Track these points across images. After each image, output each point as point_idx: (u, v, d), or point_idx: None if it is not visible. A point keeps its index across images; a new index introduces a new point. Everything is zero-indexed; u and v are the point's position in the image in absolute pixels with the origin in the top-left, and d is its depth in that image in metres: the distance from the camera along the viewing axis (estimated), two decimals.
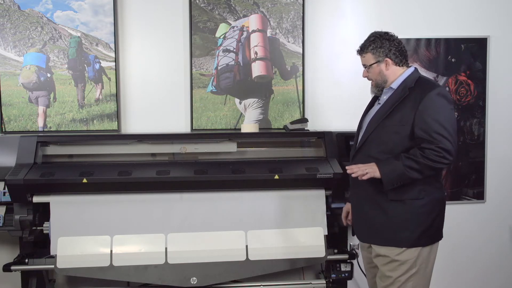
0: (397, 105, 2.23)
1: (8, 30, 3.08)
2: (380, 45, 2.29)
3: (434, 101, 2.15)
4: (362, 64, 2.36)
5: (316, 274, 3.18)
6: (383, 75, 2.30)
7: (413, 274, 2.23)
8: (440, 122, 2.13)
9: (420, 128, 2.15)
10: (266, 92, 3.24)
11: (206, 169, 2.66)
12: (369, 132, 2.30)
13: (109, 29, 3.13)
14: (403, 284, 2.24)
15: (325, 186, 2.75)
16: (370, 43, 2.31)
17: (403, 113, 2.21)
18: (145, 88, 3.20)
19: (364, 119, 2.42)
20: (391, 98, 2.28)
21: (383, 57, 2.29)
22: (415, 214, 2.21)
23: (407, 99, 2.22)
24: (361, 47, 2.36)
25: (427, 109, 2.15)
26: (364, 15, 3.30)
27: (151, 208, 2.68)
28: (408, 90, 2.23)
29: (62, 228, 2.63)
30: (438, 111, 2.14)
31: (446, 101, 2.17)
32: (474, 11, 3.34)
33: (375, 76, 2.32)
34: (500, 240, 3.46)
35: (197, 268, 2.63)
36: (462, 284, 3.41)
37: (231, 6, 3.21)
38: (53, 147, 2.80)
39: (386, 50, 2.29)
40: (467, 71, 3.34)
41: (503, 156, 3.42)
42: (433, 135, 2.12)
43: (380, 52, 2.29)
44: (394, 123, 2.23)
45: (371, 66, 2.31)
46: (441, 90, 2.19)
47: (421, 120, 2.15)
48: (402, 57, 2.31)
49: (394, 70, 2.30)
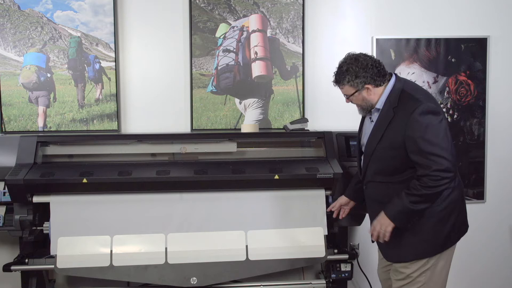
0: (386, 130, 2.21)
1: (8, 30, 3.09)
2: (355, 75, 2.21)
3: (419, 122, 2.09)
4: (343, 93, 2.31)
5: (316, 274, 3.18)
6: (366, 100, 2.26)
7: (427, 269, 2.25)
8: (430, 142, 2.08)
9: (412, 152, 2.12)
10: (266, 92, 3.24)
11: (206, 169, 2.66)
12: (368, 159, 2.31)
13: (109, 29, 3.13)
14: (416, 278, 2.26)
15: (325, 186, 2.75)
16: (345, 75, 2.22)
17: (392, 138, 2.18)
18: (145, 88, 3.20)
19: (363, 136, 2.42)
20: (379, 120, 2.25)
21: (362, 85, 2.22)
22: (436, 222, 2.21)
23: (393, 122, 2.18)
24: (336, 79, 2.28)
25: (415, 131, 2.10)
26: (364, 15, 3.30)
27: (151, 208, 2.68)
28: (393, 111, 2.19)
29: (62, 228, 2.62)
30: (426, 131, 2.08)
31: (431, 116, 2.10)
32: (474, 11, 3.35)
33: (360, 102, 2.29)
34: (500, 240, 3.46)
35: (197, 268, 2.63)
36: (462, 284, 3.41)
37: (231, 6, 3.21)
38: (53, 147, 2.80)
39: (363, 78, 2.21)
40: (467, 71, 3.34)
41: (503, 156, 3.42)
42: (426, 157, 2.08)
43: (357, 83, 2.22)
44: (386, 148, 2.21)
45: (352, 96, 2.27)
46: (423, 107, 2.10)
47: (411, 145, 2.11)
48: (381, 77, 2.22)
49: (376, 91, 2.24)
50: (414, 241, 2.23)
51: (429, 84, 3.32)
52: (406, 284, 2.30)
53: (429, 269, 2.25)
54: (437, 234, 2.22)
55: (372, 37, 3.29)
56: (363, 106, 2.29)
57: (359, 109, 2.34)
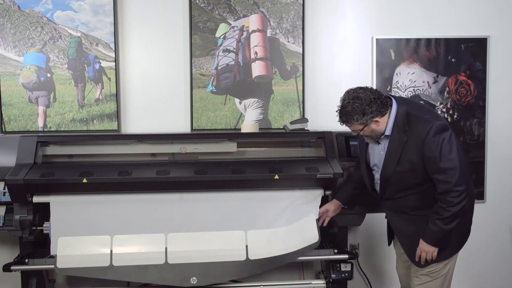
0: (402, 153, 2.30)
1: (8, 30, 3.09)
2: (362, 113, 2.26)
3: (435, 142, 2.22)
4: (352, 130, 2.36)
5: (316, 274, 3.18)
6: (376, 131, 2.33)
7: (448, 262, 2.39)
8: (446, 158, 2.21)
9: (432, 171, 2.25)
10: (266, 92, 3.24)
11: (206, 169, 2.66)
12: (386, 182, 2.39)
13: (109, 29, 3.13)
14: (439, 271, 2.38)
15: (325, 186, 2.75)
16: (352, 115, 2.27)
17: (411, 160, 2.29)
18: (145, 88, 3.20)
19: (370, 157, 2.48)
20: (392, 146, 2.33)
21: (370, 120, 2.28)
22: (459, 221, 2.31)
23: (408, 145, 2.28)
24: (343, 120, 2.32)
25: (432, 151, 2.22)
26: (364, 15, 3.30)
27: (151, 208, 2.68)
28: (405, 135, 2.28)
29: (62, 228, 2.62)
30: (442, 148, 2.21)
31: (444, 133, 2.23)
32: (474, 11, 3.35)
33: (369, 134, 2.35)
34: (500, 240, 3.46)
35: (197, 268, 2.63)
36: (462, 284, 3.41)
37: (231, 6, 3.21)
38: (53, 147, 2.80)
39: (370, 114, 2.27)
40: (467, 71, 3.34)
41: (503, 156, 3.42)
42: (445, 173, 2.21)
43: (366, 119, 2.28)
44: (406, 170, 2.31)
45: (362, 130, 2.33)
46: (435, 127, 2.22)
47: (431, 164, 2.24)
48: (384, 107, 2.30)
49: (383, 120, 2.32)
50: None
51: (429, 84, 3.32)
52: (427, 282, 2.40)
53: (449, 263, 2.39)
54: (461, 234, 2.38)
55: (372, 37, 3.29)
56: (372, 136, 2.36)
57: (368, 139, 2.40)
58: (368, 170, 2.52)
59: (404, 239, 2.46)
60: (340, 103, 2.33)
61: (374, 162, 2.47)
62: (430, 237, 2.30)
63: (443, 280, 2.39)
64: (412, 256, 2.43)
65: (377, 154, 2.43)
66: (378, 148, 2.42)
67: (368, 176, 2.52)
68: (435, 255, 2.32)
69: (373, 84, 3.28)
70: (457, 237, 2.36)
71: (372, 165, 2.50)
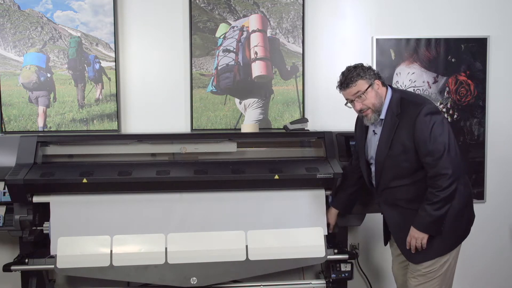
0: (394, 137, 2.31)
1: (8, 30, 3.09)
2: (364, 71, 2.34)
3: (425, 122, 2.23)
4: (353, 94, 2.34)
5: (316, 274, 3.19)
6: (379, 96, 2.35)
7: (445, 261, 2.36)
8: (436, 140, 2.22)
9: (422, 154, 2.25)
10: (266, 92, 3.24)
11: (206, 169, 2.66)
12: (381, 168, 2.39)
13: (109, 29, 3.13)
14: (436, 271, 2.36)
15: (325, 186, 2.75)
16: (355, 72, 2.33)
17: (403, 143, 2.30)
18: (145, 88, 3.20)
19: (368, 150, 2.49)
20: (385, 130, 2.35)
21: (373, 80, 2.34)
22: (455, 217, 2.32)
23: (400, 128, 2.30)
24: (347, 79, 2.34)
25: (423, 132, 2.23)
26: (364, 15, 3.30)
27: (151, 208, 2.68)
28: (397, 118, 2.31)
29: (62, 228, 2.63)
30: (432, 130, 2.22)
31: (435, 116, 2.25)
32: (474, 11, 3.35)
33: (373, 100, 2.34)
34: (500, 240, 3.46)
35: (197, 268, 2.63)
36: (462, 284, 3.41)
37: (231, 6, 3.21)
38: (53, 147, 2.80)
39: (372, 73, 2.35)
40: (467, 71, 3.34)
41: (503, 156, 3.42)
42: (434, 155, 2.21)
43: (369, 76, 2.33)
44: (398, 154, 2.32)
45: (366, 92, 2.32)
46: (426, 108, 2.25)
47: (421, 146, 2.25)
48: (381, 78, 2.38)
49: (383, 91, 2.37)
50: (436, 239, 2.32)
51: (429, 84, 3.32)
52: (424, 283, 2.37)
53: (446, 262, 2.36)
54: (456, 229, 2.35)
55: (372, 37, 3.29)
56: (376, 104, 2.34)
57: (370, 114, 2.36)
58: (366, 164, 2.52)
59: (398, 234, 2.44)
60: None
61: (371, 155, 2.46)
62: (419, 223, 2.28)
63: (441, 281, 2.36)
64: (406, 252, 2.41)
65: (373, 146, 2.43)
66: (374, 139, 2.42)
67: (366, 170, 2.51)
68: (425, 242, 2.29)
69: None
70: (452, 233, 2.33)
71: (369, 158, 2.49)
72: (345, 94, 2.38)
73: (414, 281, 2.40)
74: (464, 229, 2.41)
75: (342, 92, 2.39)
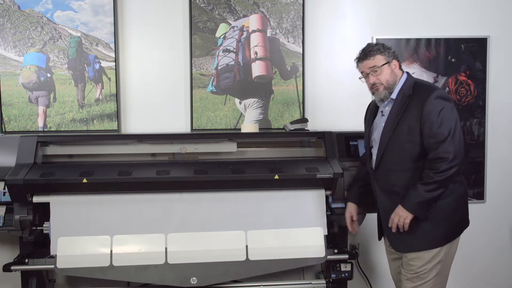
0: (402, 116, 2.30)
1: (8, 30, 3.09)
2: (384, 48, 2.36)
3: (434, 104, 2.22)
4: (369, 67, 2.35)
5: (316, 274, 3.19)
6: (394, 75, 2.36)
7: (437, 263, 2.31)
8: (442, 124, 2.20)
9: (426, 135, 2.23)
10: (266, 92, 3.24)
11: (206, 169, 2.66)
12: (383, 148, 2.37)
13: (109, 29, 3.13)
14: (427, 272, 2.31)
15: (325, 186, 2.74)
16: (376, 47, 2.36)
17: (409, 123, 2.28)
18: (145, 88, 3.20)
19: (372, 132, 2.48)
20: (394, 109, 2.35)
21: (391, 58, 2.35)
22: (443, 214, 2.29)
23: (409, 108, 2.28)
24: (366, 52, 2.37)
25: (430, 113, 2.22)
26: (364, 15, 3.30)
27: (151, 208, 2.68)
28: (408, 98, 2.30)
29: (62, 228, 2.62)
30: (440, 113, 2.21)
31: (445, 102, 2.24)
32: (474, 11, 3.35)
33: (387, 77, 2.34)
34: (500, 240, 3.46)
35: (197, 268, 2.63)
36: (462, 284, 3.41)
37: (231, 6, 3.21)
38: (53, 147, 2.80)
39: (392, 52, 2.36)
40: (467, 71, 3.34)
41: (503, 156, 3.42)
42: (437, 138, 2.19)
43: (388, 53, 2.35)
44: (403, 134, 2.29)
45: (382, 67, 2.33)
46: (438, 92, 2.26)
47: (426, 126, 2.23)
48: (400, 61, 2.40)
49: (398, 72, 2.38)
50: (423, 232, 2.30)
51: None
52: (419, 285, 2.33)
53: (438, 265, 2.31)
54: (446, 226, 2.30)
55: (372, 37, 3.29)
56: (390, 82, 2.34)
57: (381, 90, 2.36)
58: (369, 148, 2.51)
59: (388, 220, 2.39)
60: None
61: (374, 137, 2.46)
62: (407, 201, 2.25)
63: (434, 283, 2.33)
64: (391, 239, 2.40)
65: (379, 127, 2.41)
66: (381, 121, 2.40)
67: (368, 154, 2.50)
68: (407, 223, 2.25)
69: None
70: (441, 229, 2.29)
71: (372, 140, 2.47)
72: (361, 67, 2.39)
73: (408, 283, 2.37)
74: (454, 229, 2.34)
75: (359, 65, 2.40)
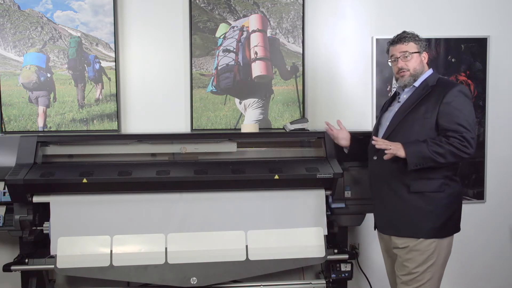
0: (421, 101, 2.33)
1: (8, 30, 3.09)
2: (419, 38, 2.43)
3: (457, 96, 2.28)
4: (401, 52, 2.39)
5: (316, 274, 3.19)
6: (422, 65, 2.42)
7: (431, 265, 2.30)
8: (463, 115, 2.25)
9: (444, 119, 2.26)
10: (266, 92, 3.24)
11: (206, 169, 2.66)
12: (393, 127, 2.39)
13: (109, 29, 3.13)
14: (421, 274, 2.30)
15: (325, 186, 2.75)
16: (412, 35, 2.41)
17: (427, 106, 2.31)
18: (145, 88, 3.20)
19: (384, 116, 2.51)
20: (414, 95, 2.38)
21: (422, 50, 2.43)
22: (435, 206, 2.29)
23: (430, 95, 2.33)
24: (401, 37, 2.42)
25: (451, 102, 2.27)
26: (364, 15, 3.30)
27: (151, 208, 2.68)
28: (430, 88, 2.35)
29: (62, 228, 2.63)
30: (461, 105, 2.26)
31: (468, 98, 2.30)
32: (474, 11, 3.35)
33: (415, 65, 2.40)
34: (500, 240, 3.46)
35: (197, 268, 2.63)
36: (462, 284, 3.41)
37: (231, 6, 3.21)
38: (53, 147, 2.80)
39: (424, 44, 2.44)
40: (467, 71, 3.33)
41: (503, 156, 3.42)
42: (457, 126, 2.23)
43: (421, 44, 2.43)
44: (418, 116, 2.32)
45: (412, 54, 2.38)
46: (462, 87, 2.32)
47: (445, 112, 2.26)
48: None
49: (425, 65, 2.44)
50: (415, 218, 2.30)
51: None
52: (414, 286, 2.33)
53: (432, 266, 2.30)
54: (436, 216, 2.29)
55: (372, 37, 3.29)
56: (417, 70, 2.39)
57: (406, 76, 2.40)
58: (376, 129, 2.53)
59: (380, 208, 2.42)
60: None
61: (382, 121, 2.49)
62: (410, 145, 2.24)
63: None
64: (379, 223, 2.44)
65: (391, 113, 2.44)
66: (396, 106, 2.43)
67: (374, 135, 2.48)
68: (393, 154, 2.23)
69: (373, 83, 3.28)
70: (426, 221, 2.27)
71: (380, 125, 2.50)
72: (393, 50, 2.43)
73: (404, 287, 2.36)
74: (441, 225, 2.29)
75: (391, 48, 2.44)
